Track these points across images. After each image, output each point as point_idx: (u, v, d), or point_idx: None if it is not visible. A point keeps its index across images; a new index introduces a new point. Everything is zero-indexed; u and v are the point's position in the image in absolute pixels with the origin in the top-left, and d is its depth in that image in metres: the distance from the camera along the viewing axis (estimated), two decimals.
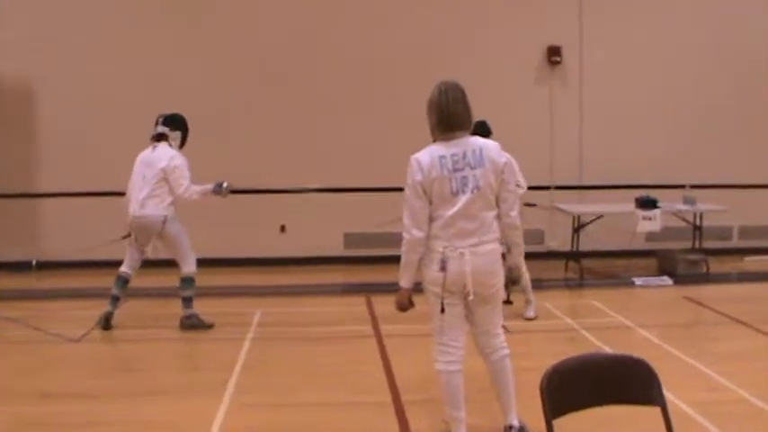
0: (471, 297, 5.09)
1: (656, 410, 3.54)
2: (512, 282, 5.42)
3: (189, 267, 8.77)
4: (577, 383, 3.59)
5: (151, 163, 8.67)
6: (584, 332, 8.52)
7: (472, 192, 5.03)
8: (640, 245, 12.29)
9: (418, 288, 5.31)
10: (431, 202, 5.07)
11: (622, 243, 12.24)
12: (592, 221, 11.69)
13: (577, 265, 11.58)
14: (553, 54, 12.73)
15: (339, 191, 12.26)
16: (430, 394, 6.40)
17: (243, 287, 11.01)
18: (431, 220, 5.10)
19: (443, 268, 5.05)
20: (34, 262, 12.51)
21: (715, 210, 11.92)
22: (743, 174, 12.88)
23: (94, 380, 7.20)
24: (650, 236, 12.01)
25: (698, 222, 12.01)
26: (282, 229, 12.59)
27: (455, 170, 5.03)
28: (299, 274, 12.09)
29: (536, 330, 8.72)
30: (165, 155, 8.68)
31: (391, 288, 9.44)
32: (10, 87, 12.43)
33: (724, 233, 12.99)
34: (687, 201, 11.71)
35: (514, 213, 5.25)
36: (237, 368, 7.36)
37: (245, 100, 12.44)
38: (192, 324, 8.76)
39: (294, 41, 12.52)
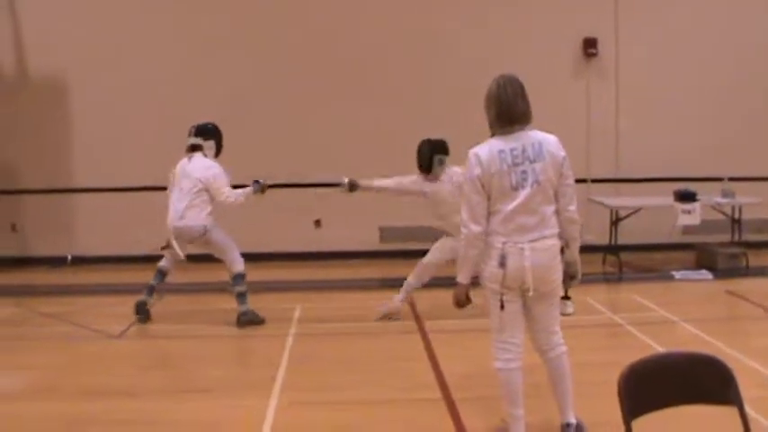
0: (531, 293, 5.00)
1: (725, 410, 3.48)
2: (570, 277, 5.31)
3: (237, 267, 8.77)
4: (655, 383, 3.51)
5: (188, 174, 8.71)
6: (628, 327, 8.43)
7: (532, 186, 4.95)
8: (678, 238, 12.18)
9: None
10: (489, 197, 4.98)
11: (660, 236, 12.16)
12: (630, 215, 11.57)
13: (615, 258, 11.45)
14: (589, 46, 12.62)
15: None
16: (481, 391, 6.35)
17: (280, 282, 10.96)
18: (489, 214, 5.01)
19: (503, 264, 4.96)
20: (69, 257, 12.54)
21: (754, 203, 11.74)
22: None
23: (138, 377, 7.18)
24: (688, 229, 11.89)
25: (736, 215, 11.88)
26: (317, 223, 12.53)
27: (514, 164, 4.94)
28: (334, 268, 12.04)
29: (579, 326, 8.58)
30: (202, 165, 8.71)
31: (429, 283, 9.46)
32: (45, 83, 12.45)
33: (763, 226, 12.78)
34: (726, 194, 11.56)
35: (573, 208, 5.17)
36: (283, 365, 7.31)
37: (279, 94, 12.38)
38: (248, 320, 8.75)
39: (333, 32, 12.48)
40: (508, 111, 5.01)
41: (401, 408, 6.24)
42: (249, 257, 9.08)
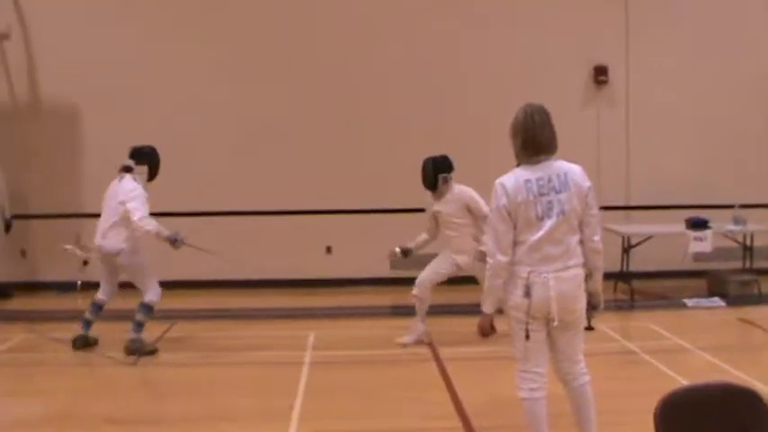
0: (556, 323, 4.99)
1: None
2: (592, 307, 5.30)
3: (150, 296, 8.75)
4: (692, 414, 3.49)
5: (114, 195, 8.78)
6: (643, 355, 8.41)
7: (557, 216, 4.95)
8: (689, 265, 12.14)
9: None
10: (515, 227, 4.98)
11: (671, 263, 12.13)
12: (642, 242, 11.56)
13: (627, 285, 11.43)
14: (600, 74, 12.66)
15: (385, 212, 12.21)
16: (500, 420, 6.35)
17: (292, 309, 10.96)
18: (515, 244, 5.00)
19: (528, 294, 4.95)
20: (79, 282, 12.50)
21: (766, 230, 11.74)
22: None
23: (157, 405, 7.18)
24: (699, 256, 11.86)
25: (748, 243, 11.87)
26: (328, 250, 12.54)
27: (540, 194, 4.94)
28: (346, 295, 12.03)
29: (594, 354, 8.46)
30: (127, 188, 8.69)
31: (442, 310, 9.45)
32: (56, 108, 12.50)
33: None
34: (737, 221, 11.55)
35: (597, 238, 5.18)
36: (300, 393, 7.28)
37: (291, 121, 12.40)
38: (136, 348, 8.67)
39: (341, 59, 12.53)
40: (534, 140, 5.01)
41: None
42: (260, 284, 9.10)
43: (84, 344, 8.95)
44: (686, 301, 11.12)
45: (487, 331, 5.21)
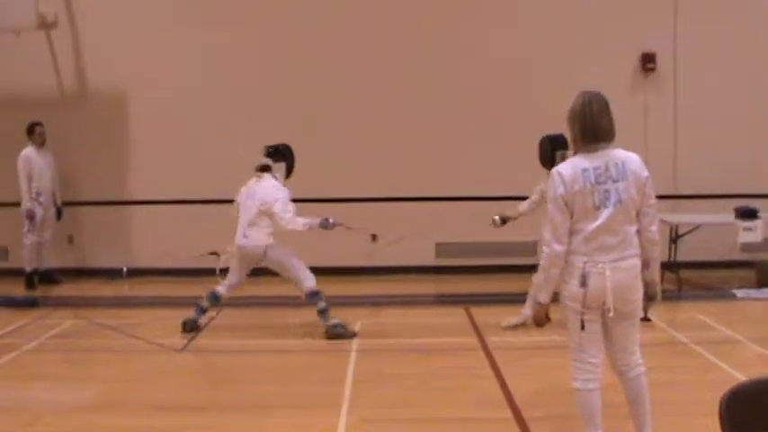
0: (612, 314, 4.94)
1: None
2: (649, 298, 5.23)
3: (307, 284, 8.84)
4: (759, 407, 3.42)
5: (254, 194, 8.83)
6: (693, 346, 8.31)
7: (614, 206, 4.89)
8: (738, 255, 12.00)
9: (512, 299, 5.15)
10: (571, 216, 4.93)
11: (719, 253, 12.00)
12: (690, 231, 11.43)
13: (675, 275, 11.30)
14: (648, 61, 12.53)
15: (431, 200, 12.18)
16: (552, 409, 6.31)
17: (338, 297, 10.87)
18: (571, 233, 4.95)
19: (584, 284, 4.90)
20: (125, 269, 12.62)
21: None
22: None
23: (206, 391, 7.20)
24: (747, 246, 11.70)
25: None
26: (374, 238, 12.49)
27: (598, 183, 4.88)
28: (391, 283, 12.04)
29: (644, 344, 8.45)
30: (268, 186, 8.80)
31: (488, 299, 9.41)
32: (104, 96, 12.59)
33: None
34: None
35: (654, 228, 5.10)
36: (349, 381, 7.28)
37: (335, 109, 12.41)
38: (337, 333, 8.81)
39: (394, 47, 12.52)
40: (593, 128, 4.96)
41: (472, 427, 6.18)
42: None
43: (192, 327, 9.08)
44: (735, 291, 10.99)
45: (543, 321, 5.16)
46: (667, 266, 11.57)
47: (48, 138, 12.04)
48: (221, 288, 9.08)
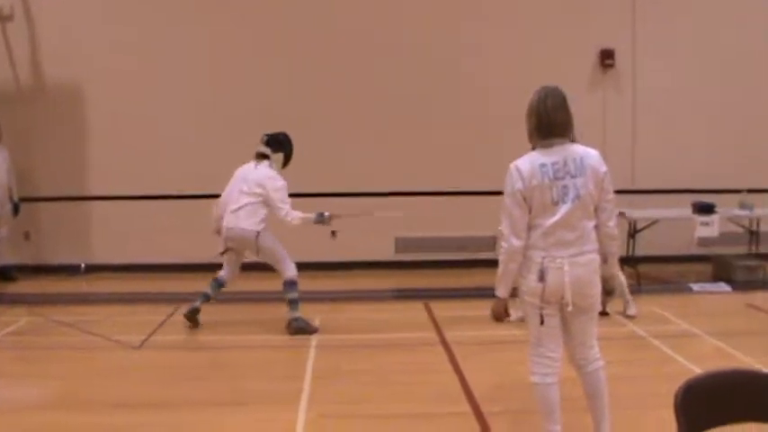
0: (570, 308, 4.96)
1: None
2: (606, 292, 5.26)
3: (289, 273, 8.85)
4: (713, 400, 3.45)
5: (248, 179, 8.80)
6: (651, 339, 8.39)
7: (573, 201, 4.91)
8: (694, 250, 12.11)
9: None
10: (530, 211, 4.94)
11: (676, 248, 12.12)
12: (647, 226, 11.52)
13: (633, 270, 11.38)
14: (606, 57, 12.60)
15: (389, 194, 12.16)
16: (511, 404, 6.35)
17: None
18: (529, 228, 4.96)
19: (542, 279, 4.91)
20: (83, 265, 12.50)
21: None
22: None
23: (164, 388, 7.12)
24: (704, 241, 11.82)
25: (755, 228, 11.84)
26: (333, 234, 12.46)
27: (556, 179, 4.90)
28: (350, 278, 12.02)
29: (603, 338, 8.49)
30: (265, 174, 8.78)
31: (447, 294, 9.40)
32: (60, 90, 12.44)
33: None
34: (744, 206, 11.52)
35: (612, 223, 5.15)
36: (308, 377, 7.25)
37: (305, 103, 12.32)
38: (299, 327, 8.80)
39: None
40: (549, 123, 4.98)
41: (431, 422, 6.17)
42: (264, 268, 9.06)
43: (193, 315, 9.01)
44: (692, 285, 11.10)
45: (501, 315, 5.16)
46: (626, 261, 11.65)
47: (3, 132, 11.87)
48: (223, 273, 9.10)
